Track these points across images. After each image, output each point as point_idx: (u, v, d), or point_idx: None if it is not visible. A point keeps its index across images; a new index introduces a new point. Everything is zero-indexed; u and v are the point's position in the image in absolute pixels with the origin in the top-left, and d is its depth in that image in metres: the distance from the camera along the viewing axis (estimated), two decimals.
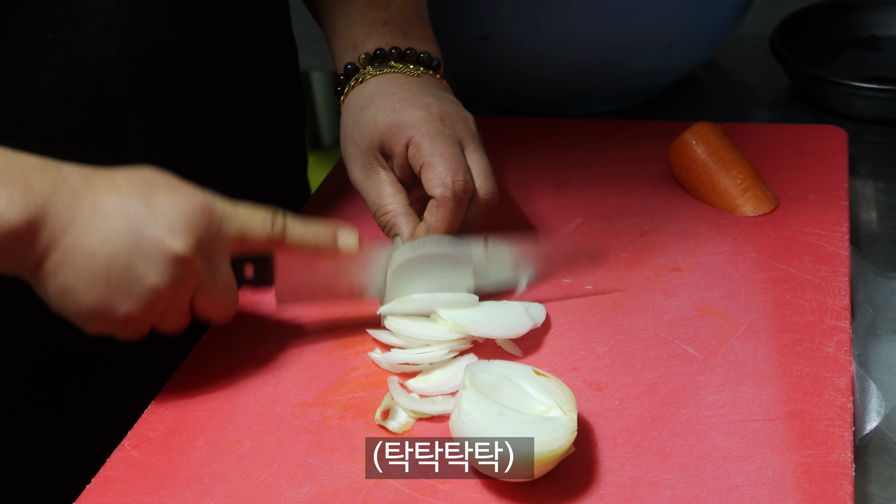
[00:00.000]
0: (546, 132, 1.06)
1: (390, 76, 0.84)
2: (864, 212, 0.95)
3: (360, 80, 0.85)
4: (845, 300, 0.78)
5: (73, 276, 0.67)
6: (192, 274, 0.70)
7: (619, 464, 0.67)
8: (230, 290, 0.73)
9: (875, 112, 1.08)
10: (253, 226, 0.72)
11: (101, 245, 0.67)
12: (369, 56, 0.85)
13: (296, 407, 0.74)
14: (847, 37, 1.21)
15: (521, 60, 1.08)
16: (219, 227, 0.70)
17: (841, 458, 0.65)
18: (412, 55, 0.85)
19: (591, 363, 0.75)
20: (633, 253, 0.86)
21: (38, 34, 0.75)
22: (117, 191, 0.68)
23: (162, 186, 0.69)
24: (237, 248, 0.72)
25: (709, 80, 1.22)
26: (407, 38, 0.86)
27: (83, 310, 0.68)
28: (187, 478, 0.69)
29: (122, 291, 0.68)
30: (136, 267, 0.67)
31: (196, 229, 0.69)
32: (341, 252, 0.75)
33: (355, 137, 0.82)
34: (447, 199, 0.77)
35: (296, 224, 0.74)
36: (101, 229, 0.67)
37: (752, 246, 0.85)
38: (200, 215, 0.69)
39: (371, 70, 0.84)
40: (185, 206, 0.69)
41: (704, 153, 0.91)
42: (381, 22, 0.87)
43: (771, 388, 0.71)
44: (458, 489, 0.66)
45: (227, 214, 0.71)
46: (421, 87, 0.82)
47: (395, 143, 0.79)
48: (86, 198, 0.67)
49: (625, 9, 1.03)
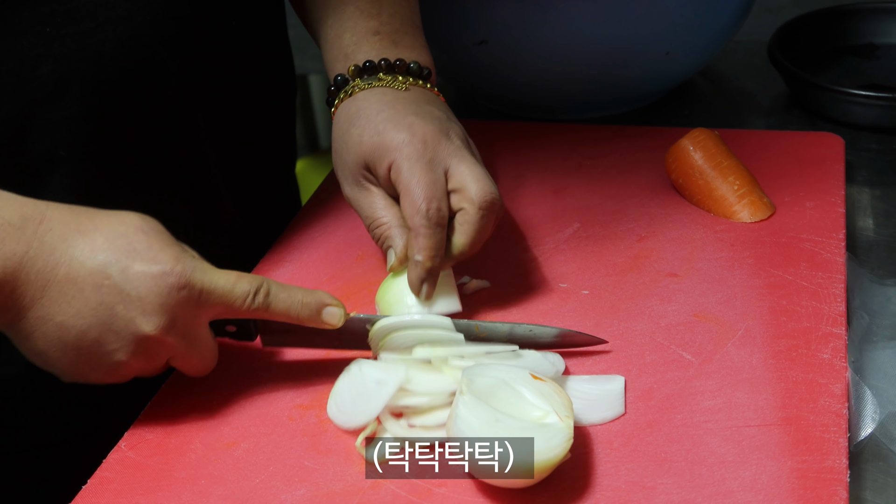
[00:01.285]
0: (543, 137, 1.06)
1: (377, 91, 0.83)
2: (861, 219, 0.96)
3: (349, 92, 0.84)
4: (841, 307, 0.78)
5: (44, 343, 0.68)
6: (164, 349, 0.70)
7: (615, 468, 0.67)
8: (206, 353, 0.73)
9: (872, 119, 1.08)
10: (234, 299, 0.70)
11: (73, 320, 0.67)
12: (358, 68, 0.84)
13: (292, 409, 0.74)
14: (845, 44, 1.21)
15: (519, 65, 1.08)
16: (196, 302, 0.69)
17: (836, 464, 0.65)
18: (402, 66, 0.84)
19: (587, 368, 0.75)
20: (629, 258, 0.86)
21: (36, 27, 0.76)
22: (94, 258, 0.67)
23: (142, 255, 0.68)
24: (217, 317, 0.72)
25: (706, 87, 1.22)
26: (397, 48, 0.86)
27: (55, 370, 0.70)
28: (183, 479, 0.69)
29: (92, 363, 0.69)
30: (106, 343, 0.68)
31: (171, 310, 0.68)
32: (325, 325, 0.74)
33: (343, 154, 0.82)
34: (423, 226, 0.76)
35: (279, 295, 0.72)
36: (73, 303, 0.67)
37: (748, 252, 0.86)
38: (177, 294, 0.68)
39: (360, 83, 0.84)
40: (161, 284, 0.68)
41: (702, 159, 0.91)
42: (371, 31, 0.86)
43: (766, 393, 0.71)
44: (453, 492, 0.66)
45: (207, 288, 0.69)
46: (406, 105, 0.81)
47: (378, 166, 0.79)
48: (61, 262, 0.67)
49: (623, 15, 1.04)
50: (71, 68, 0.77)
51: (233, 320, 0.75)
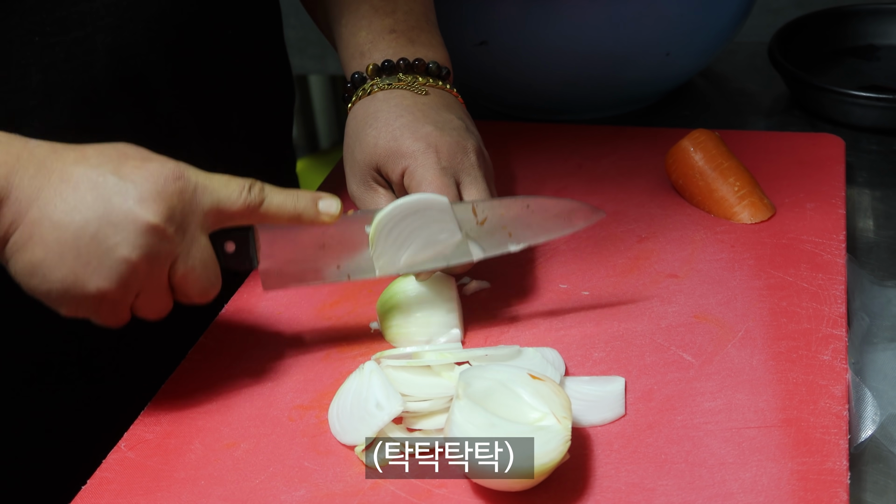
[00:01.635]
0: (544, 138, 1.06)
1: (396, 93, 0.82)
2: (861, 220, 0.96)
3: (367, 91, 0.83)
4: (841, 308, 0.78)
5: (41, 249, 0.65)
6: (166, 245, 0.67)
7: (615, 470, 0.67)
8: (209, 265, 0.70)
9: (872, 121, 1.08)
10: (229, 194, 0.69)
11: (69, 216, 0.65)
12: (377, 67, 0.84)
13: (292, 410, 0.74)
14: (845, 46, 1.21)
15: (519, 66, 1.08)
16: (193, 195, 0.68)
17: (836, 465, 0.65)
18: (420, 66, 0.84)
19: (587, 369, 0.75)
20: (630, 259, 0.86)
21: (25, 36, 0.75)
22: (86, 161, 0.66)
23: (133, 157, 0.67)
24: (214, 220, 0.70)
25: (707, 88, 1.22)
26: (414, 46, 0.85)
27: (53, 287, 0.66)
28: (183, 480, 0.69)
29: (93, 264, 0.66)
30: (106, 238, 0.65)
31: (168, 198, 0.66)
32: (322, 218, 0.72)
33: (356, 152, 0.82)
34: None
35: (274, 191, 0.71)
36: (68, 200, 0.65)
37: (748, 253, 0.85)
38: (173, 184, 0.67)
39: (378, 82, 0.83)
40: (156, 174, 0.67)
41: (702, 160, 0.91)
42: (387, 29, 0.86)
43: (767, 395, 0.71)
44: (453, 493, 0.66)
45: (202, 183, 0.68)
46: (425, 112, 0.81)
47: (391, 171, 0.79)
48: (53, 169, 0.65)
49: (623, 16, 1.04)
50: (60, 78, 0.77)
51: (230, 237, 0.73)
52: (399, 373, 0.73)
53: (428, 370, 0.73)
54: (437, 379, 0.73)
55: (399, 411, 0.70)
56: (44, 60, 0.76)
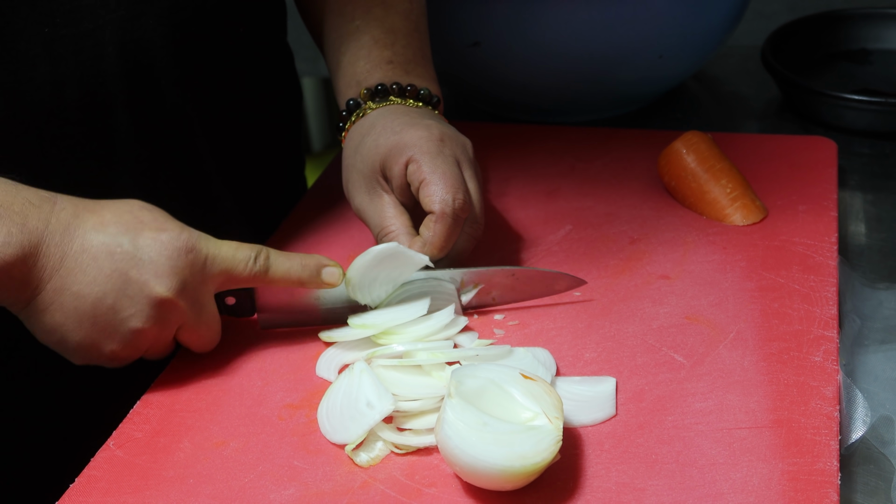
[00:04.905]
0: (537, 139, 1.06)
1: (391, 107, 0.85)
2: (853, 223, 0.96)
3: (360, 114, 0.86)
4: (833, 310, 0.78)
5: (60, 315, 0.70)
6: (176, 314, 0.72)
7: (606, 470, 0.66)
8: (213, 324, 0.76)
9: (864, 124, 1.08)
10: (236, 264, 0.74)
11: (89, 288, 0.70)
12: (370, 91, 0.86)
13: (282, 409, 0.74)
14: (837, 49, 1.22)
15: (512, 67, 1.08)
16: (202, 267, 0.73)
17: (827, 466, 0.65)
18: (412, 91, 0.86)
19: (578, 369, 0.75)
20: (622, 260, 0.86)
21: (34, 28, 0.75)
22: (105, 230, 0.70)
23: (149, 225, 0.71)
24: (221, 285, 0.75)
25: (700, 91, 1.22)
26: (409, 76, 0.88)
27: (69, 346, 0.72)
28: (172, 478, 0.69)
29: (108, 332, 0.71)
30: (121, 310, 0.70)
31: (181, 272, 0.71)
32: (324, 286, 0.77)
33: (357, 165, 0.83)
34: (446, 215, 0.77)
35: (279, 259, 0.75)
36: (88, 272, 0.69)
37: (740, 255, 0.85)
38: (185, 257, 0.72)
39: (371, 104, 0.86)
40: (170, 248, 0.71)
41: (694, 162, 0.91)
42: (385, 60, 0.88)
43: (758, 396, 0.71)
44: (443, 492, 0.66)
45: (212, 254, 0.73)
46: (420, 114, 0.84)
47: (394, 164, 0.80)
48: (76, 236, 0.70)
49: (617, 18, 1.04)
50: (69, 70, 0.77)
51: (232, 292, 0.78)
52: (389, 372, 0.73)
53: (418, 370, 0.73)
54: (428, 378, 0.73)
55: (390, 410, 0.69)
56: (52, 52, 0.76)
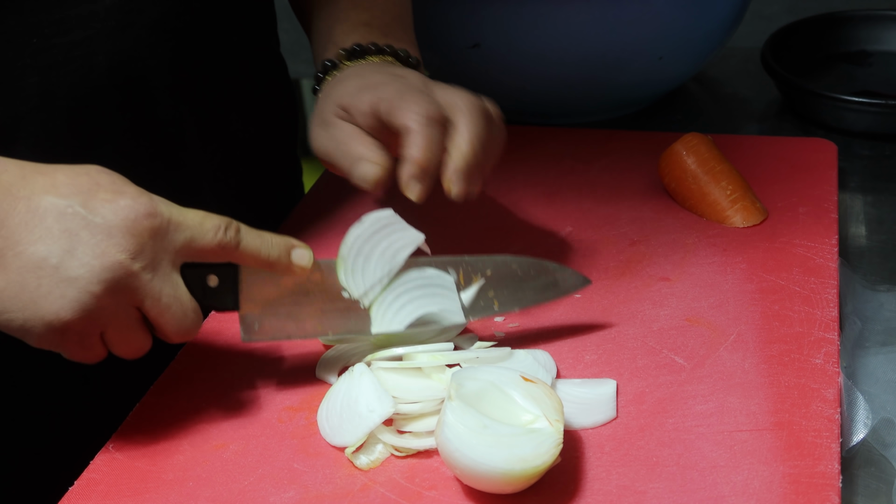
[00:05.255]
0: (536, 141, 1.06)
1: (367, 63, 0.84)
2: (853, 225, 0.96)
3: (336, 75, 0.85)
4: (833, 312, 0.78)
5: (3, 278, 0.63)
6: (132, 281, 0.65)
7: (606, 473, 0.66)
8: (184, 302, 0.68)
9: (865, 126, 1.08)
10: (204, 232, 0.67)
11: (34, 247, 0.63)
12: (346, 51, 0.85)
13: (282, 412, 0.74)
14: (838, 51, 1.22)
15: (512, 69, 1.08)
16: (165, 231, 0.66)
17: (828, 469, 0.65)
18: (390, 51, 0.85)
19: (579, 372, 0.75)
20: (622, 263, 0.86)
21: (23, 38, 0.74)
22: (56, 191, 0.64)
23: (106, 188, 0.65)
24: (186, 257, 0.68)
25: (700, 92, 1.22)
26: (387, 38, 0.87)
27: (14, 316, 0.64)
28: (171, 481, 0.69)
29: (54, 294, 0.63)
30: (68, 269, 0.63)
31: (139, 235, 0.64)
32: (294, 268, 0.71)
33: (322, 109, 0.81)
34: (416, 122, 0.73)
35: (250, 234, 0.69)
36: (34, 231, 0.63)
37: (741, 257, 0.85)
38: (145, 221, 0.65)
39: (348, 63, 0.85)
40: (128, 210, 0.64)
41: (695, 164, 0.91)
42: (362, 22, 0.87)
43: (758, 398, 0.71)
44: (443, 496, 0.66)
45: (176, 220, 0.66)
46: (393, 67, 0.83)
47: (359, 102, 0.77)
48: (20, 197, 0.63)
49: (617, 19, 1.03)
50: (58, 80, 0.76)
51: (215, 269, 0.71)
52: (389, 375, 0.73)
53: (419, 372, 0.73)
54: (428, 381, 0.73)
55: (390, 413, 0.69)
56: (41, 62, 0.75)
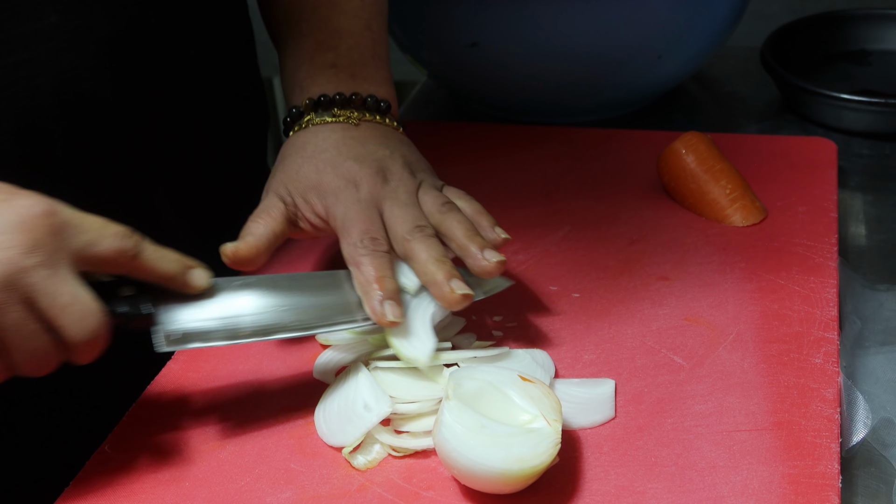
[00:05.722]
0: (535, 140, 1.06)
1: (327, 128, 0.81)
2: (853, 224, 0.95)
3: (302, 125, 0.82)
4: (833, 311, 0.78)
5: None
6: (27, 277, 0.61)
7: (605, 472, 0.66)
8: (82, 300, 0.63)
9: (864, 125, 1.08)
10: (102, 237, 0.64)
11: None
12: (313, 101, 0.82)
13: (279, 412, 0.73)
14: (837, 50, 1.21)
15: (510, 68, 1.08)
16: (61, 231, 0.63)
17: (828, 469, 0.64)
18: (357, 100, 0.82)
19: (577, 371, 0.75)
20: (621, 262, 0.86)
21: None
22: None
23: (3, 190, 0.63)
24: (84, 262, 0.64)
25: (699, 92, 1.22)
26: (355, 81, 0.84)
27: None
28: (167, 481, 0.68)
29: None
30: None
31: (33, 232, 0.61)
32: (189, 286, 0.69)
33: (275, 175, 0.80)
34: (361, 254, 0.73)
35: (151, 247, 0.67)
36: None
37: (740, 256, 0.85)
38: (41, 219, 0.62)
39: (313, 117, 0.82)
40: (24, 208, 0.62)
41: (694, 163, 0.91)
42: (328, 64, 0.84)
43: (758, 398, 0.70)
44: (441, 496, 0.66)
45: (75, 222, 0.64)
46: (350, 146, 0.80)
47: (311, 202, 0.77)
48: None
49: (615, 18, 1.03)
50: (2, 104, 0.73)
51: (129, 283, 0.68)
52: (387, 374, 0.73)
53: (416, 372, 0.73)
54: (426, 381, 0.72)
55: (387, 413, 0.69)
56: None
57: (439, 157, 0.86)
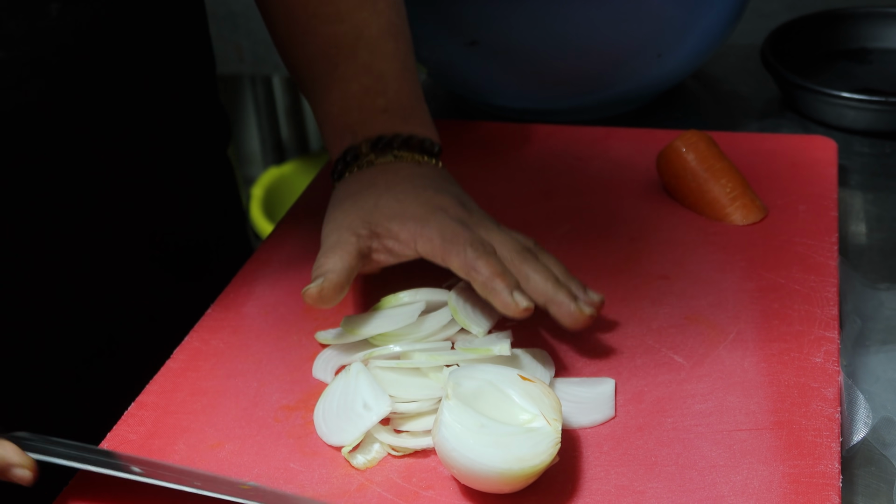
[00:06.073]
0: (535, 138, 1.06)
1: (393, 164, 0.82)
2: (853, 223, 0.95)
3: (360, 165, 0.82)
4: (834, 310, 0.77)
5: None
6: None
7: (605, 472, 0.66)
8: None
9: (865, 123, 1.08)
10: None
11: None
12: (370, 141, 0.83)
13: (278, 411, 0.73)
14: (837, 48, 1.21)
15: (510, 67, 1.08)
16: None
17: (828, 469, 0.64)
18: (415, 142, 0.83)
19: (577, 370, 0.75)
20: (620, 261, 0.86)
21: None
22: None
23: None
24: None
25: (699, 90, 1.22)
26: (408, 125, 0.84)
27: None
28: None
29: None
30: None
31: None
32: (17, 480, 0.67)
33: (350, 212, 0.78)
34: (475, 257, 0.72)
35: None
36: None
37: (740, 255, 0.85)
38: None
39: (373, 158, 0.82)
40: None
41: (694, 161, 0.91)
42: (379, 109, 0.84)
43: (758, 397, 0.70)
44: (440, 496, 0.65)
45: None
46: (423, 180, 0.80)
47: (400, 231, 0.76)
48: None
49: (615, 16, 1.03)
50: None
51: None
52: (386, 374, 0.72)
53: (416, 371, 0.73)
54: (425, 380, 0.72)
55: (387, 412, 0.69)
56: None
57: None
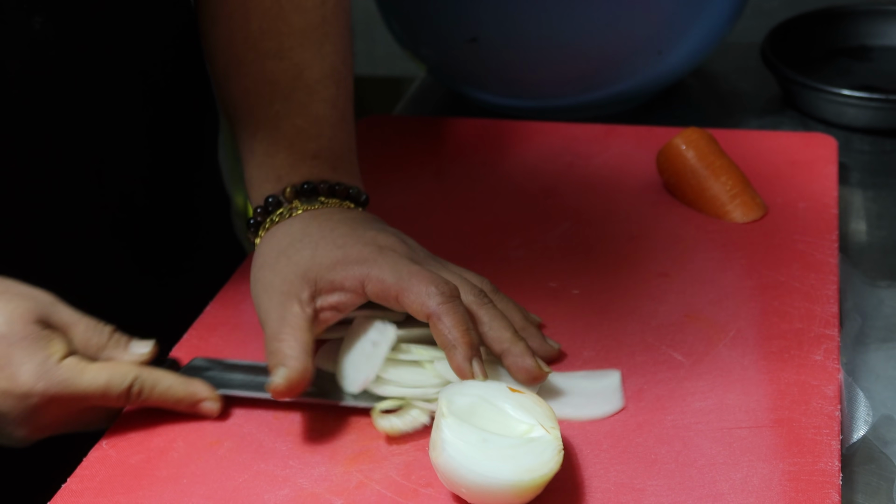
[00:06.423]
0: (534, 136, 1.05)
1: (323, 211, 0.76)
2: (854, 220, 0.95)
3: (285, 215, 0.76)
4: (834, 308, 0.77)
5: None
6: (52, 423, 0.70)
7: (605, 469, 0.66)
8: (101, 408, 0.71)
9: (865, 121, 1.08)
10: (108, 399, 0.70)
11: None
12: (296, 189, 0.77)
13: (277, 409, 0.73)
14: (837, 46, 1.21)
15: (510, 63, 1.08)
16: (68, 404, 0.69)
17: (828, 466, 0.64)
18: (342, 191, 0.77)
19: (577, 368, 0.75)
20: (620, 258, 0.86)
21: None
22: None
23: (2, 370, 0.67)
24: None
25: (699, 88, 1.22)
26: (336, 173, 0.78)
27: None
28: (165, 478, 0.68)
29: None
30: None
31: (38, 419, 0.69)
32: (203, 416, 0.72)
33: (282, 271, 0.73)
34: (441, 304, 0.68)
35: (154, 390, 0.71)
36: None
37: (740, 252, 0.85)
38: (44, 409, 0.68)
39: (299, 204, 0.76)
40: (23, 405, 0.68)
41: (694, 158, 0.90)
42: (310, 154, 0.78)
43: (758, 395, 0.70)
44: (440, 493, 0.65)
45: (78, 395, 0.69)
46: (360, 222, 0.75)
47: (344, 279, 0.70)
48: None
49: (615, 14, 1.03)
50: None
51: None
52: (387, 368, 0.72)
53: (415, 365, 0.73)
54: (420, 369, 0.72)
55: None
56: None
57: (438, 154, 0.86)
